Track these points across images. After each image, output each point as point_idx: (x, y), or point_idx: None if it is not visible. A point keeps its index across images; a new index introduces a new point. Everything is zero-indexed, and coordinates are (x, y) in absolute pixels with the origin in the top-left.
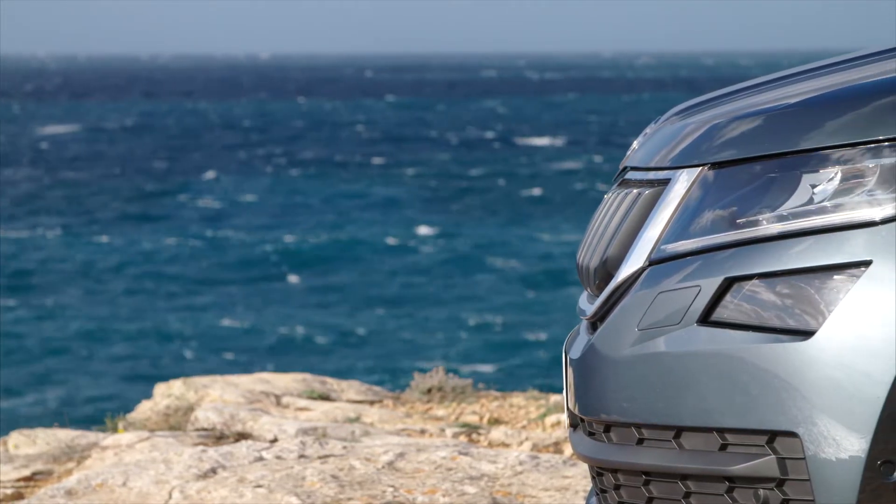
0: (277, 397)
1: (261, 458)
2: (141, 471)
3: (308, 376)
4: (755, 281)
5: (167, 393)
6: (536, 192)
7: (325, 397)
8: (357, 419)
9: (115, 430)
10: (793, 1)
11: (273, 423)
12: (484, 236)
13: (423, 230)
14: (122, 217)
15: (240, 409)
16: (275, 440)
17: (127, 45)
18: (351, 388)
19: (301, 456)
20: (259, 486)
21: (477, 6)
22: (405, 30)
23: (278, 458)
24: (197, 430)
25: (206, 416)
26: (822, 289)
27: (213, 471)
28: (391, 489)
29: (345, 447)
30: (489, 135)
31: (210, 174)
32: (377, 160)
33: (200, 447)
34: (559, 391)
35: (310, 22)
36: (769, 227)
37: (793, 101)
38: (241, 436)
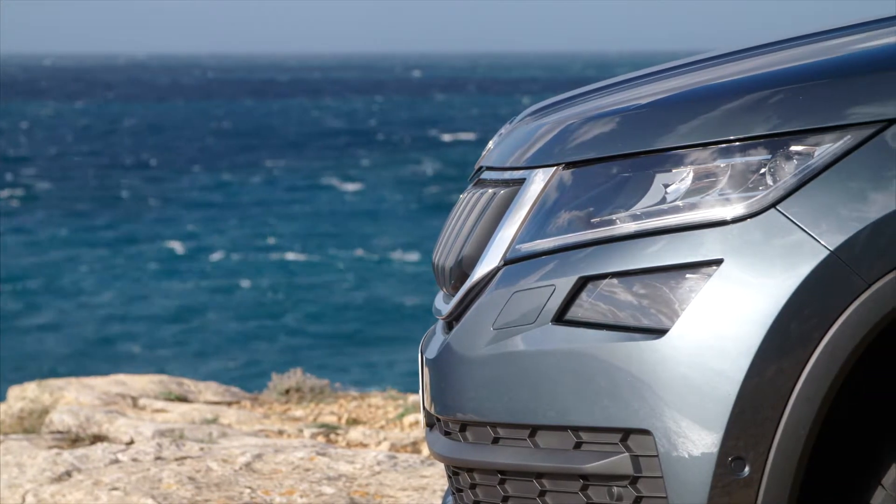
0: (134, 399)
1: (117, 461)
2: None
3: (165, 378)
4: (609, 280)
5: (21, 396)
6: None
7: (182, 399)
8: (214, 420)
9: None
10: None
11: (129, 425)
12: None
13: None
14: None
15: (96, 412)
16: (131, 442)
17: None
18: (208, 390)
19: (158, 458)
20: (115, 489)
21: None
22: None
23: (134, 460)
24: (52, 432)
25: (61, 418)
26: (676, 288)
27: (68, 474)
28: (248, 490)
29: (202, 448)
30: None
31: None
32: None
33: (55, 450)
34: (417, 391)
35: (180, 21)
36: (623, 227)
37: (645, 101)
38: (97, 438)
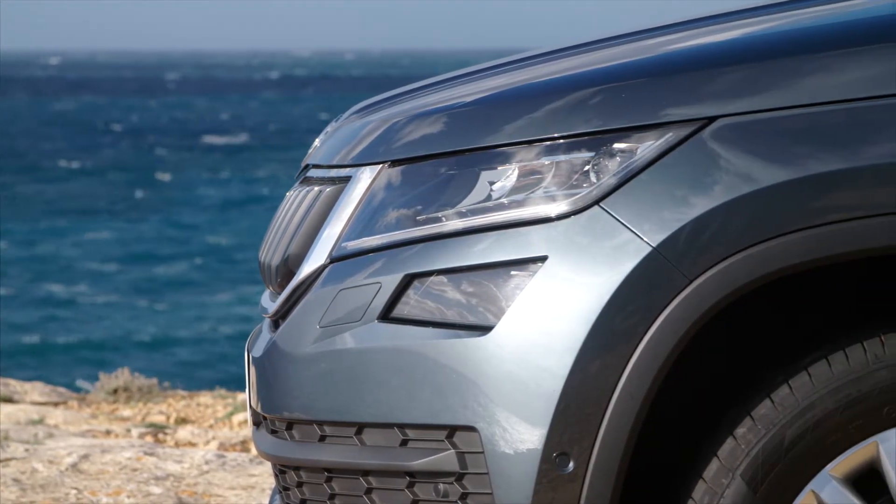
0: None
1: None
2: None
3: None
4: (436, 277)
5: None
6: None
7: (7, 399)
8: (41, 421)
9: None
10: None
11: None
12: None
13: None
14: None
15: None
16: None
17: None
18: (35, 390)
19: None
20: None
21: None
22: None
23: None
24: None
25: None
26: (501, 284)
27: None
28: (75, 491)
29: (27, 450)
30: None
31: None
32: None
33: None
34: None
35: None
36: (449, 224)
37: (470, 99)
38: None
